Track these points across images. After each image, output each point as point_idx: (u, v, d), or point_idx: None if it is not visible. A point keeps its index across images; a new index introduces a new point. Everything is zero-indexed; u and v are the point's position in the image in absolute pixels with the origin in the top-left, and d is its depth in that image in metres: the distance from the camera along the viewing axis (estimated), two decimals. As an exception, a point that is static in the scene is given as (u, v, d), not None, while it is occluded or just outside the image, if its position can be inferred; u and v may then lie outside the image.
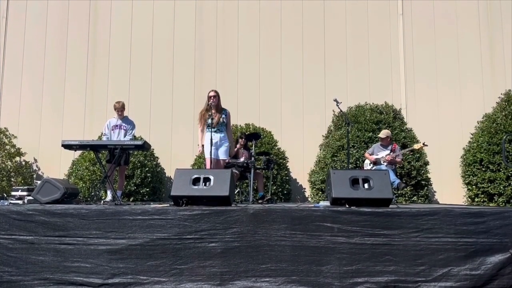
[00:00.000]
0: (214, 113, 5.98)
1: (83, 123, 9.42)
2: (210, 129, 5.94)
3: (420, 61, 9.40)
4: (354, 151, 7.87)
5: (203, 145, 6.09)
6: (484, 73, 9.25)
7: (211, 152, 5.79)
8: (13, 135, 9.18)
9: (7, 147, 9.00)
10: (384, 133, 6.85)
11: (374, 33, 9.51)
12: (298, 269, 3.87)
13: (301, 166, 8.97)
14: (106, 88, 9.51)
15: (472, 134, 8.51)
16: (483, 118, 8.55)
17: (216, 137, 5.95)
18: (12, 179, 8.89)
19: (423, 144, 6.62)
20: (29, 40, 9.73)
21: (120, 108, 6.54)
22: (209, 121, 5.95)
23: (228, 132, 6.23)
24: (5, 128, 9.15)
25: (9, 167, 8.95)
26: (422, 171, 7.97)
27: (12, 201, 5.68)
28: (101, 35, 9.70)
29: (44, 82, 9.59)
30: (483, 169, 7.92)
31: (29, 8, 9.81)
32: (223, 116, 6.09)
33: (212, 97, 6.03)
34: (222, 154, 6.08)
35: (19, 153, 9.13)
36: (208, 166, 5.96)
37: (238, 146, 6.92)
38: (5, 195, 7.61)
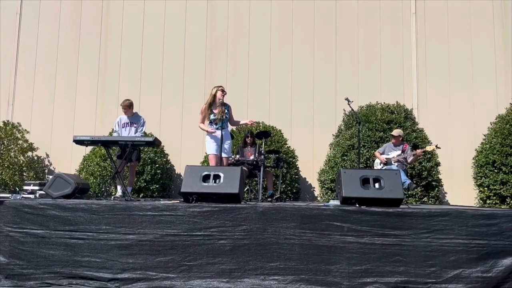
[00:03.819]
0: (219, 108, 5.80)
1: (94, 119, 9.49)
2: (213, 125, 5.87)
3: (432, 61, 9.30)
4: (365, 151, 7.81)
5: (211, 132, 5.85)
6: (497, 73, 9.12)
7: (220, 149, 5.77)
8: (25, 130, 9.29)
9: (20, 142, 9.11)
10: (396, 131, 6.80)
11: (386, 32, 9.44)
12: (307, 268, 3.85)
13: (311, 165, 8.94)
14: (118, 85, 9.57)
15: (484, 135, 8.40)
16: (496, 119, 8.42)
17: (219, 133, 5.77)
18: (24, 174, 9.00)
19: (436, 146, 6.53)
20: (42, 36, 9.83)
21: (125, 107, 6.47)
22: (212, 116, 5.89)
23: (232, 121, 6.13)
24: (18, 123, 9.26)
25: (21, 161, 9.06)
26: (433, 172, 7.89)
27: (24, 195, 5.74)
28: (113, 32, 9.77)
29: (57, 78, 9.68)
30: (496, 170, 7.81)
31: (42, 5, 9.92)
32: (226, 111, 5.96)
33: (223, 92, 5.86)
34: (226, 152, 5.90)
35: (31, 148, 9.23)
36: (212, 163, 5.88)
37: (248, 142, 6.89)
38: (18, 189, 7.71)
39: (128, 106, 6.47)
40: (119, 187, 6.42)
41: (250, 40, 9.57)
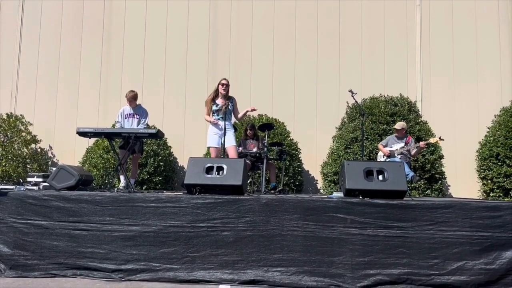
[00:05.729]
0: (222, 100, 5.91)
1: (97, 111, 9.50)
2: (216, 116, 5.90)
3: (436, 53, 9.24)
4: (368, 143, 7.79)
5: (214, 122, 5.92)
6: (502, 66, 9.06)
7: (224, 142, 5.76)
8: (29, 122, 9.31)
9: (23, 134, 9.13)
10: (399, 124, 6.76)
11: (390, 24, 9.37)
12: (310, 259, 3.86)
13: (314, 157, 8.94)
14: (120, 77, 9.56)
15: (488, 128, 8.37)
16: (500, 111, 8.39)
17: (222, 124, 5.83)
18: (28, 166, 9.03)
19: (439, 138, 6.51)
20: (45, 29, 9.80)
21: (130, 98, 6.47)
22: (214, 107, 5.90)
23: (236, 114, 6.11)
24: (21, 115, 9.27)
25: (25, 153, 9.08)
26: (437, 165, 7.87)
27: (28, 187, 5.77)
28: (116, 25, 9.73)
29: (60, 71, 9.68)
30: (499, 163, 7.79)
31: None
32: (230, 103, 5.99)
33: (225, 85, 5.95)
34: (230, 141, 5.87)
35: (34, 140, 9.25)
36: (213, 156, 5.89)
37: (249, 134, 6.88)
38: (21, 181, 7.74)
39: (133, 98, 6.46)
40: (122, 178, 6.42)
41: (253, 33, 9.52)
